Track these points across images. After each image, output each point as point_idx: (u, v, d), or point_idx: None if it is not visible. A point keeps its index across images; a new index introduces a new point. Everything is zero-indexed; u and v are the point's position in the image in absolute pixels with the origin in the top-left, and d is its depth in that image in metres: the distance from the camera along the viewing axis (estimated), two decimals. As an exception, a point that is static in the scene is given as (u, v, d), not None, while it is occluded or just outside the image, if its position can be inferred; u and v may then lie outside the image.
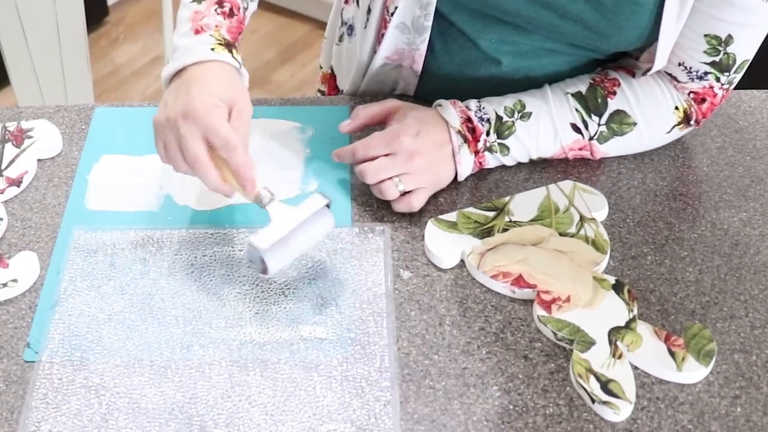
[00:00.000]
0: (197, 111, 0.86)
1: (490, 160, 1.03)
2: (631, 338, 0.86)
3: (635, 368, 0.85)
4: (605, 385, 0.82)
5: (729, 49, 0.98)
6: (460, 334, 0.88)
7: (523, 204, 0.99)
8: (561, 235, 0.96)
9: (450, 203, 1.01)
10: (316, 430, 0.79)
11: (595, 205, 0.99)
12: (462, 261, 0.94)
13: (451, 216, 0.98)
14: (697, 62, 1.00)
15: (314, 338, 0.87)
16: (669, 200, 1.02)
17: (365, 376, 0.84)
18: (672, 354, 0.85)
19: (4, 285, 0.90)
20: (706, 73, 1.01)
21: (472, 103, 1.02)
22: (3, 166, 1.04)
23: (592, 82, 1.04)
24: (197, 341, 0.87)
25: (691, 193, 1.03)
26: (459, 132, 0.99)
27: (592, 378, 0.82)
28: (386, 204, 0.99)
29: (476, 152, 1.01)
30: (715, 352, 0.85)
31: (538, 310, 0.88)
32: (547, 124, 1.02)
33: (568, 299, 0.89)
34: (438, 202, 1.01)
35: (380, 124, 1.03)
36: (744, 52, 0.99)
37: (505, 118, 1.01)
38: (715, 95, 1.03)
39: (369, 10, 1.06)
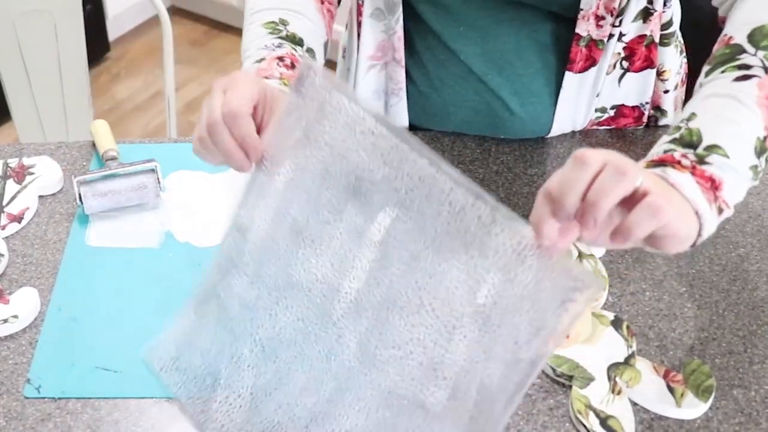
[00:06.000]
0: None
1: (715, 169, 0.74)
2: (630, 374, 0.86)
3: (634, 404, 0.85)
4: (604, 421, 0.82)
5: None
6: (460, 370, 0.88)
7: (522, 240, 1.00)
8: (559, 270, 0.96)
9: (449, 239, 1.01)
10: None
11: (593, 240, 1.00)
12: (461, 297, 0.94)
13: (450, 252, 0.98)
14: None
15: None
16: (667, 236, 1.03)
17: None
18: (671, 390, 0.85)
19: (5, 321, 0.90)
20: None
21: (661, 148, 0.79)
22: (4, 203, 1.04)
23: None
24: None
25: (688, 229, 1.04)
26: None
27: (591, 414, 0.82)
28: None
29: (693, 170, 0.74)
30: (714, 387, 0.85)
31: (537, 346, 0.88)
32: (718, 98, 0.80)
33: (567, 335, 0.89)
34: (437, 238, 1.01)
35: None
36: None
37: (681, 133, 0.78)
38: None
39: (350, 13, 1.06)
